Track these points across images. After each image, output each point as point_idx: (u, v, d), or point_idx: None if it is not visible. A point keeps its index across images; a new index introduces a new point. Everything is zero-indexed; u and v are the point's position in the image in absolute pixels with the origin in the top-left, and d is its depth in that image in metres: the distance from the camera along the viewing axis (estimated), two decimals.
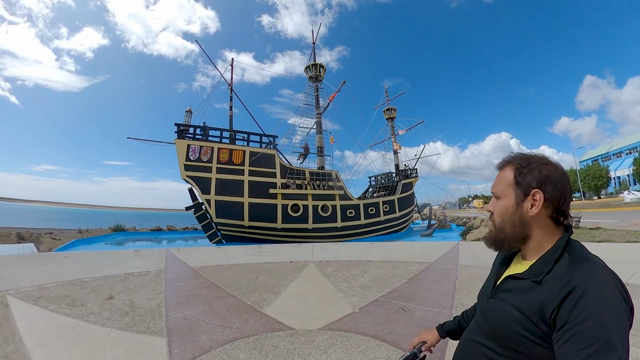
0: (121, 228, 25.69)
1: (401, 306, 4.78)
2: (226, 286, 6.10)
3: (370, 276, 6.98)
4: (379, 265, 8.21)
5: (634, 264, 6.25)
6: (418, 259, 8.92)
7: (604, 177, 53.83)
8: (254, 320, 4.22)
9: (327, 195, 22.34)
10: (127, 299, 5.14)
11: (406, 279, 6.58)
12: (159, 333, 3.73)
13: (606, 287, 0.82)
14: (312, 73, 27.65)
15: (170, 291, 5.70)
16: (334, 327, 3.99)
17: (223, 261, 8.99)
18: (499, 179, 1.07)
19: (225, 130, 20.27)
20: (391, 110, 37.37)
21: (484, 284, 1.22)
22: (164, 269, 7.73)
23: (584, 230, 13.79)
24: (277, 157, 21.06)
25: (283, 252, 10.67)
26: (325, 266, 8.31)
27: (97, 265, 7.81)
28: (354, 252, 10.73)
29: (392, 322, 4.12)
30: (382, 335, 3.70)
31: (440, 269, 7.48)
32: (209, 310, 4.60)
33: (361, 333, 3.76)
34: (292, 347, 3.36)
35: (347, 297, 5.38)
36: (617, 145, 74.06)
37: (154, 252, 10.43)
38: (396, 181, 30.95)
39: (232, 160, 19.42)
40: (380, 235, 24.60)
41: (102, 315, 4.34)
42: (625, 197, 35.92)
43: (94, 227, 26.22)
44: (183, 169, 18.41)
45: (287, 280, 6.73)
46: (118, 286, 6.03)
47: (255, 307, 4.81)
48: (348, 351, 3.27)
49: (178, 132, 18.95)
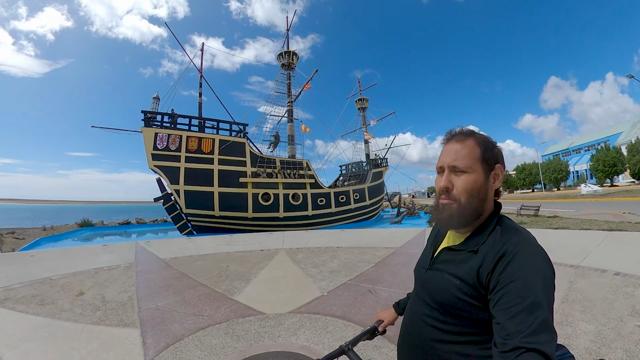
0: (88, 223, 24.69)
1: (368, 289, 5.08)
2: (197, 276, 6.19)
3: (339, 261, 7.26)
4: (348, 251, 8.52)
5: (586, 249, 6.78)
6: (386, 244, 9.31)
7: (564, 171, 57.39)
8: (225, 307, 4.38)
9: (298, 183, 22.47)
10: (98, 294, 5.13)
11: (373, 264, 6.91)
12: (131, 325, 3.81)
13: (534, 253, 0.89)
14: (284, 60, 27.30)
15: (141, 283, 5.72)
16: (303, 310, 4.23)
17: (194, 252, 9.02)
18: (464, 152, 1.00)
19: (194, 117, 19.73)
20: (363, 101, 37.79)
21: (420, 258, 1.24)
22: (134, 262, 7.68)
23: (542, 218, 14.49)
24: (247, 145, 20.83)
25: (254, 241, 10.81)
26: (295, 253, 8.53)
27: (66, 263, 7.64)
28: (324, 239, 11.02)
29: (359, 304, 4.40)
30: (349, 316, 3.97)
31: (406, 254, 7.88)
32: (181, 300, 4.71)
33: (329, 315, 4.01)
34: (263, 331, 3.55)
35: (317, 281, 5.63)
36: (577, 142, 78.87)
37: (123, 246, 10.28)
38: (367, 170, 31.53)
39: (202, 149, 19.02)
40: (351, 223, 25.13)
41: (73, 311, 4.34)
42: (582, 190, 38.58)
43: (60, 223, 25.08)
44: (151, 159, 17.84)
45: (257, 267, 6.90)
46: (88, 281, 5.97)
47: (226, 294, 4.97)
48: (317, 332, 3.51)
49: (145, 119, 18.23)
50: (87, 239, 19.81)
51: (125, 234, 22.42)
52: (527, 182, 62.47)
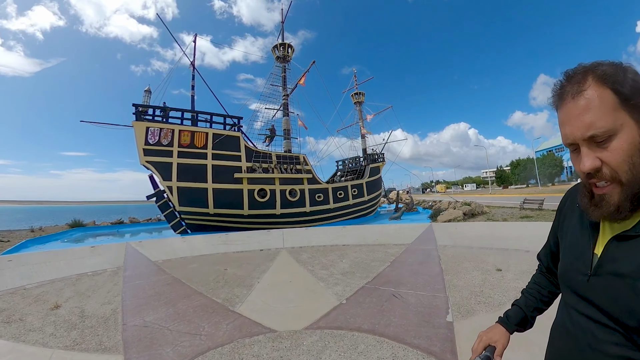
0: (79, 223, 23.65)
1: (391, 293, 4.42)
2: (192, 282, 5.48)
3: (349, 261, 6.60)
4: (357, 249, 7.87)
5: None
6: (395, 241, 8.69)
7: (559, 166, 58.35)
8: (226, 322, 3.66)
9: (295, 179, 21.65)
10: (76, 307, 4.41)
11: (388, 262, 6.27)
12: (113, 349, 3.09)
13: None
14: (279, 53, 26.36)
15: (128, 292, 4.99)
16: (322, 324, 3.53)
17: (188, 253, 8.29)
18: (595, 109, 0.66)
19: (186, 111, 18.81)
20: (359, 95, 37.11)
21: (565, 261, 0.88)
22: (123, 266, 6.95)
23: (547, 212, 14.25)
24: (242, 139, 19.93)
25: (252, 240, 10.08)
26: (299, 253, 7.86)
27: (46, 268, 6.83)
28: (326, 236, 10.35)
29: (387, 312, 3.73)
30: (380, 329, 3.29)
31: (421, 251, 7.25)
32: (173, 313, 3.98)
33: (355, 329, 3.32)
34: (277, 355, 2.85)
35: (330, 286, 4.95)
36: None
37: (113, 248, 9.43)
38: (364, 165, 30.83)
39: (194, 143, 18.08)
40: (350, 220, 24.46)
41: (43, 331, 3.61)
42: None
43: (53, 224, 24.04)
44: (142, 154, 16.96)
45: (259, 270, 6.21)
46: (67, 291, 5.24)
47: (226, 305, 4.26)
48: (346, 354, 2.82)
49: (136, 113, 17.26)
50: (77, 240, 18.81)
51: (118, 234, 21.51)
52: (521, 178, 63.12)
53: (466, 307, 3.89)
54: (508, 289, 4.49)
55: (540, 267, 1.16)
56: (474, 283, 4.84)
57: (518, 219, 13.51)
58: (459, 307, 3.87)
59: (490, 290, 4.45)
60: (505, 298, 4.15)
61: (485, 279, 5.04)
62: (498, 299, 4.14)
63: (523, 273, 5.25)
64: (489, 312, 3.70)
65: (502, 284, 4.75)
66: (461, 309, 3.83)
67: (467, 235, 9.01)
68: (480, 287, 4.61)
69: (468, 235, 8.89)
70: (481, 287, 4.61)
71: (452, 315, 3.64)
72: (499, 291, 4.42)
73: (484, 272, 5.38)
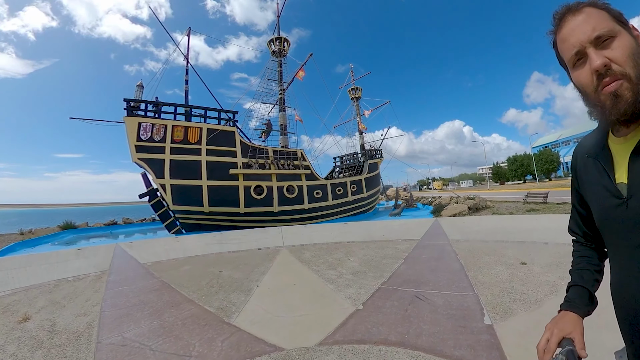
0: (71, 225, 22.86)
1: (414, 294, 3.84)
2: (182, 287, 4.85)
3: (358, 259, 6.02)
4: (363, 246, 7.29)
5: None
6: (403, 236, 8.13)
7: (555, 162, 58.48)
8: (222, 338, 3.02)
9: (293, 175, 20.98)
10: (47, 319, 3.78)
11: (402, 259, 5.70)
12: None
13: None
14: (275, 47, 25.67)
15: (109, 300, 4.36)
16: (340, 338, 2.89)
17: (180, 254, 7.65)
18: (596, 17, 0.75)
19: (180, 105, 18.07)
20: (356, 90, 36.57)
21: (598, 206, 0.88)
22: (108, 270, 6.31)
23: (552, 205, 14.36)
24: (237, 134, 19.20)
25: (249, 239, 9.44)
26: (300, 251, 7.27)
27: (24, 273, 6.17)
28: (329, 233, 9.76)
29: (415, 319, 3.15)
30: (411, 340, 2.70)
31: (434, 246, 6.69)
32: (158, 327, 3.34)
33: (381, 342, 2.71)
34: None
35: (341, 289, 4.35)
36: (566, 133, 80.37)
37: (100, 249, 8.74)
38: (362, 161, 30.23)
39: (188, 138, 17.34)
40: (349, 217, 23.86)
41: (4, 350, 2.99)
42: None
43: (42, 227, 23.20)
44: (134, 151, 16.24)
45: (258, 272, 5.60)
46: (41, 299, 4.61)
47: (221, 316, 3.63)
48: None
49: (128, 108, 16.53)
50: (69, 242, 18.00)
51: (112, 235, 20.74)
52: (518, 174, 63.40)
53: (502, 306, 3.37)
54: (540, 283, 4.00)
55: (577, 239, 1.12)
56: (501, 279, 4.33)
57: (524, 212, 13.43)
58: (495, 307, 3.34)
59: (521, 286, 3.94)
60: (541, 293, 3.65)
61: (512, 273, 4.53)
62: (533, 295, 3.63)
63: (550, 265, 4.78)
64: (529, 311, 3.20)
65: (531, 278, 4.26)
66: (497, 308, 3.30)
67: (477, 229, 8.51)
68: (510, 283, 4.11)
69: (478, 229, 8.38)
70: (511, 283, 4.11)
71: (490, 317, 3.09)
72: (532, 286, 3.92)
73: (509, 267, 4.88)
